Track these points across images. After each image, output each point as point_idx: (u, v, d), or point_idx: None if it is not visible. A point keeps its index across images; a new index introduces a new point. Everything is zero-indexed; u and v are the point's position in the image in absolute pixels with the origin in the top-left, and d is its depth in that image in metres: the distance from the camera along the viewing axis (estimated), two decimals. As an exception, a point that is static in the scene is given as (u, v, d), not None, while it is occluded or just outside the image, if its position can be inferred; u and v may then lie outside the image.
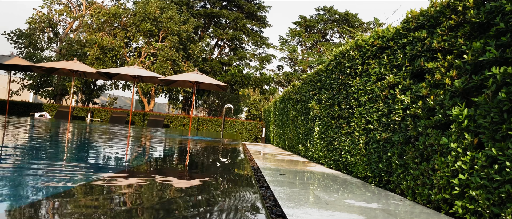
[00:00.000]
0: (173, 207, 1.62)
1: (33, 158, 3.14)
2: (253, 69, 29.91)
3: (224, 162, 4.65)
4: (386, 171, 3.25)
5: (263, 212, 1.59)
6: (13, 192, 1.70)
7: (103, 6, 22.61)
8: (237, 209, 1.68)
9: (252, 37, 29.20)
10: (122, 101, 39.54)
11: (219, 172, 3.27)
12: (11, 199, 1.58)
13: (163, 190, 1.97)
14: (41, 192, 1.80)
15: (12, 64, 13.53)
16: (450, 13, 2.48)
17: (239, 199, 1.90)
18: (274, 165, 4.80)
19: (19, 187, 1.85)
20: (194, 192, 1.99)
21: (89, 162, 3.33)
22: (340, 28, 30.73)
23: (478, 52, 2.11)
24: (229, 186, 2.29)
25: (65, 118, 16.38)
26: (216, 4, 29.42)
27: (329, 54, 5.49)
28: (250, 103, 29.54)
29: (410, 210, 2.41)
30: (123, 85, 23.48)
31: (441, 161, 2.33)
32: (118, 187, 2.03)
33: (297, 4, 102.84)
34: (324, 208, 2.21)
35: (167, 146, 6.66)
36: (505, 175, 1.80)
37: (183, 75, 13.31)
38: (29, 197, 1.66)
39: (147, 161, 3.78)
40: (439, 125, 2.48)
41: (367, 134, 3.71)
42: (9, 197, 1.60)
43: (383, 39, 3.48)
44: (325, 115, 5.17)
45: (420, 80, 2.86)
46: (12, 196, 1.63)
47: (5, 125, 7.03)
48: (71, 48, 21.33)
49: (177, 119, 18.71)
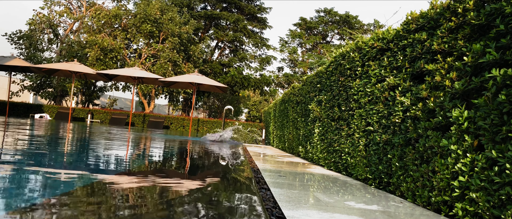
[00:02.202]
0: (174, 207, 1.62)
1: (32, 161, 3.13)
2: (253, 70, 29.92)
3: (224, 164, 4.64)
4: (386, 173, 3.25)
5: (262, 214, 1.58)
6: (11, 195, 1.70)
7: (103, 8, 22.64)
8: (237, 210, 1.67)
9: (252, 39, 29.23)
10: (122, 103, 39.54)
11: (219, 174, 3.26)
12: (11, 200, 1.58)
13: (164, 191, 1.96)
14: (35, 193, 1.80)
15: (12, 65, 13.55)
16: (450, 15, 2.48)
17: (239, 201, 1.90)
18: (274, 166, 4.80)
19: (16, 190, 1.84)
20: (195, 193, 1.98)
21: (86, 166, 3.32)
22: (341, 30, 30.76)
23: (478, 54, 2.11)
24: (229, 187, 2.28)
25: (65, 119, 16.37)
26: (217, 6, 29.46)
27: (329, 56, 5.49)
28: (250, 105, 29.51)
29: (410, 212, 2.40)
30: (123, 86, 23.50)
31: (441, 163, 2.33)
32: (129, 190, 2.03)
33: (297, 6, 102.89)
34: (324, 210, 2.21)
35: (167, 148, 6.65)
36: (505, 177, 1.79)
37: (183, 76, 13.32)
38: (26, 198, 1.65)
39: (148, 164, 3.77)
40: (439, 127, 2.48)
41: (367, 135, 3.71)
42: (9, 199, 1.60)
43: (383, 41, 3.48)
44: (325, 117, 5.17)
45: (420, 82, 2.86)
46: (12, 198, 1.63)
47: (5, 127, 7.02)
48: (71, 50, 21.34)
49: (177, 120, 18.67)
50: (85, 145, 5.48)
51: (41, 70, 14.78)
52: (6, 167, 2.65)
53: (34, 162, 3.04)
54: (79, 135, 7.78)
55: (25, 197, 1.62)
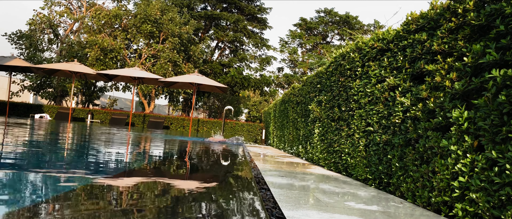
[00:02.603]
0: (175, 208, 1.62)
1: (33, 162, 3.13)
2: (253, 71, 29.93)
3: (224, 164, 4.64)
4: (386, 173, 3.25)
5: (262, 215, 1.58)
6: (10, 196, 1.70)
7: (103, 8, 22.65)
8: (237, 211, 1.67)
9: (252, 39, 29.23)
10: (122, 103, 39.53)
11: (219, 174, 3.27)
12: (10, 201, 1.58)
13: (166, 191, 1.96)
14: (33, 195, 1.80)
15: (12, 66, 13.55)
16: (450, 16, 2.48)
17: (239, 201, 1.90)
18: (274, 167, 4.80)
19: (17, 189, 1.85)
20: (195, 193, 1.99)
21: (86, 167, 3.32)
22: (341, 30, 30.75)
23: (478, 54, 2.11)
24: (229, 187, 2.29)
25: (65, 119, 16.37)
26: (217, 6, 29.47)
27: (329, 56, 5.50)
28: (250, 105, 29.53)
29: (410, 212, 2.40)
30: (123, 86, 23.50)
31: (441, 163, 2.33)
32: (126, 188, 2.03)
33: (297, 6, 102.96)
34: (324, 210, 2.21)
35: (167, 148, 6.66)
36: (505, 178, 1.79)
37: (183, 77, 13.32)
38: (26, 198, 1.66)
39: (147, 164, 3.77)
40: (439, 127, 2.48)
41: (367, 136, 3.71)
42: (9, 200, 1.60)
43: (383, 41, 3.48)
44: (325, 117, 5.17)
45: (420, 82, 2.86)
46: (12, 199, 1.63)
47: (5, 127, 7.03)
48: (72, 50, 21.34)
49: (177, 121, 18.67)
50: (85, 145, 5.48)
51: (41, 70, 14.79)
52: (6, 166, 2.66)
53: (34, 162, 3.04)
54: (79, 135, 7.79)
55: (24, 198, 1.62)
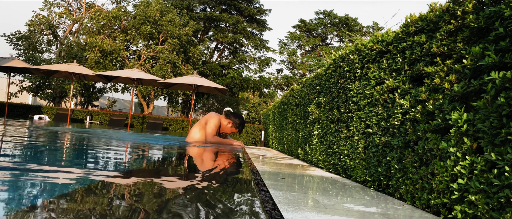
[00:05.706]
0: (170, 209, 1.62)
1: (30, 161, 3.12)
2: (253, 72, 29.95)
3: (223, 165, 4.64)
4: (385, 175, 3.25)
5: (262, 216, 1.58)
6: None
7: (103, 9, 22.64)
8: (235, 212, 1.67)
9: (252, 41, 29.25)
10: (121, 104, 39.50)
11: (217, 175, 3.27)
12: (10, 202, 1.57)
13: (161, 191, 1.96)
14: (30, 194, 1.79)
15: (11, 67, 13.53)
16: (450, 18, 2.49)
17: (237, 203, 1.90)
18: (273, 168, 4.80)
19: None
20: (193, 194, 1.98)
21: (85, 167, 3.31)
22: (340, 32, 30.78)
23: (477, 57, 2.12)
24: (228, 189, 2.29)
25: (64, 120, 16.35)
26: (216, 8, 29.49)
27: (328, 58, 5.50)
28: (249, 106, 29.54)
29: (409, 214, 2.40)
30: (122, 88, 23.49)
31: (440, 166, 2.33)
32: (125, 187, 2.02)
33: (297, 8, 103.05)
34: (323, 212, 2.21)
35: (165, 149, 6.64)
36: (504, 180, 1.79)
37: (182, 78, 13.31)
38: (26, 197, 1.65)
39: (146, 164, 3.77)
40: (438, 129, 2.48)
41: (366, 138, 3.70)
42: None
43: (382, 43, 3.48)
44: (324, 119, 5.17)
45: (419, 84, 2.86)
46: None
47: (4, 128, 7.03)
48: (71, 51, 21.33)
49: (176, 122, 18.68)
50: (85, 145, 5.47)
51: (40, 71, 14.77)
52: (6, 166, 2.65)
53: (33, 162, 3.03)
54: (79, 136, 7.76)
55: (23, 199, 1.61)
